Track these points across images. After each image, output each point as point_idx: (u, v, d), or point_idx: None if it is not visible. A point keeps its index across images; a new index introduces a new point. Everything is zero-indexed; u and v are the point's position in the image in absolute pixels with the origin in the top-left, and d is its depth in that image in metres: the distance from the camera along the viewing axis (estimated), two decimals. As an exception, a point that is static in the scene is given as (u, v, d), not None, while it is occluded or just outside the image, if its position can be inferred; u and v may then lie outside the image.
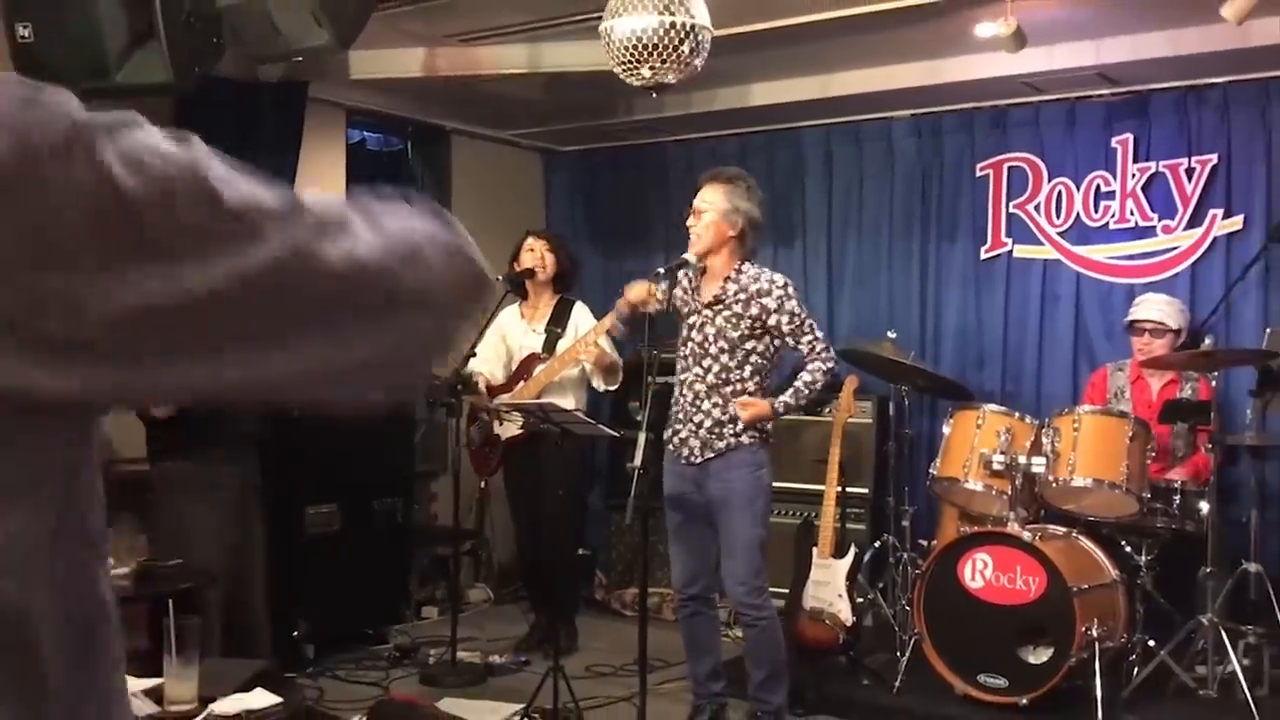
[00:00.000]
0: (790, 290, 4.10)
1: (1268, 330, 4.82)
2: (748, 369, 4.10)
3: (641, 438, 3.73)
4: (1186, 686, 4.48)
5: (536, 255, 5.32)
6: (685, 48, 3.75)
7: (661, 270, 4.07)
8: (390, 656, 5.22)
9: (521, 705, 4.11)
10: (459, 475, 5.10)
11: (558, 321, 5.33)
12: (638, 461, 3.71)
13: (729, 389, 4.10)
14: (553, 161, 7.37)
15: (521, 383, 5.23)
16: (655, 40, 3.71)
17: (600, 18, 3.86)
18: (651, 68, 3.78)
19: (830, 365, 4.14)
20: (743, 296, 4.07)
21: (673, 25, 3.71)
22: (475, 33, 5.23)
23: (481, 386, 5.25)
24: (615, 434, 4.37)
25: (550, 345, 5.27)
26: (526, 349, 5.34)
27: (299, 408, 0.90)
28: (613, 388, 5.27)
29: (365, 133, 6.69)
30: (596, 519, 6.65)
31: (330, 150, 6.11)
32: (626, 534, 6.05)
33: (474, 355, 5.11)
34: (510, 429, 5.25)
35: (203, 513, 3.90)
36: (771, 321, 4.07)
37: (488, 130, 6.90)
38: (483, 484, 5.92)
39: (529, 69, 5.48)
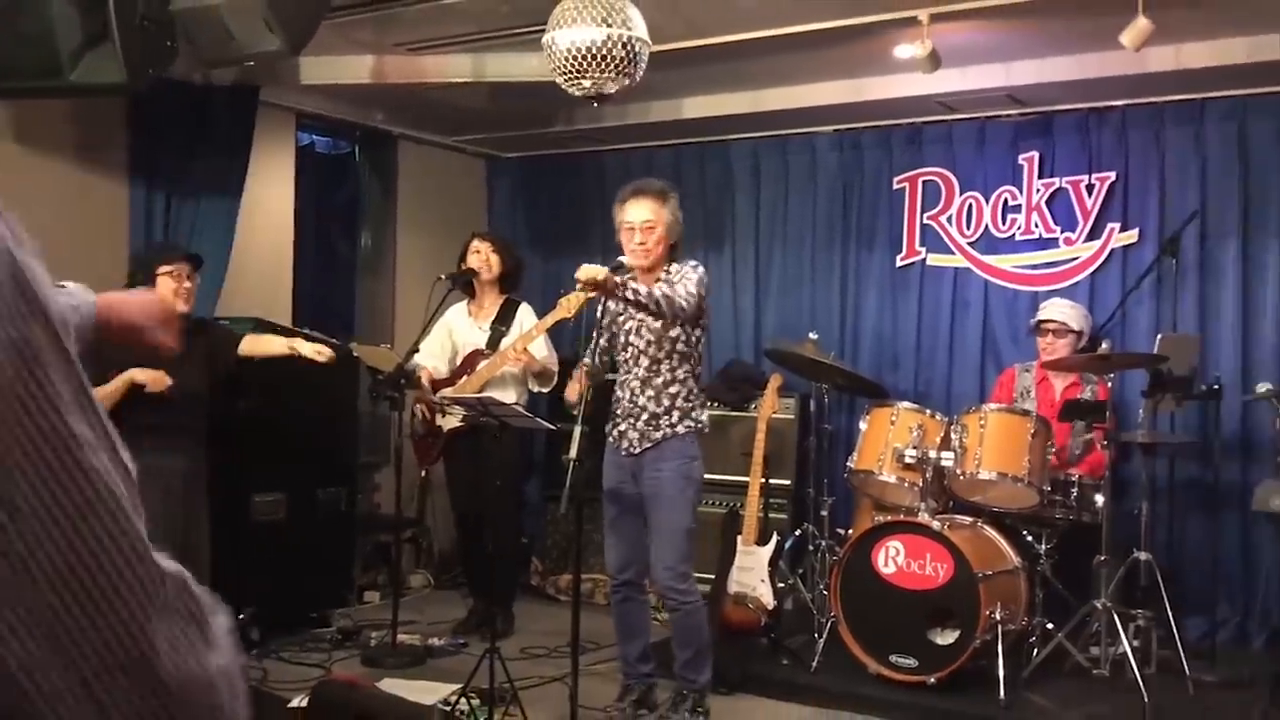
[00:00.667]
0: (698, 268, 4.08)
1: (1159, 336, 4.94)
2: (675, 358, 4.11)
3: (577, 431, 3.72)
4: (1081, 666, 4.57)
5: (482, 257, 5.30)
6: (624, 60, 3.75)
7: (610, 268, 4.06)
8: (333, 639, 5.16)
9: (459, 685, 4.07)
10: (401, 466, 5.05)
11: (503, 320, 5.32)
12: (573, 453, 3.70)
13: (659, 380, 4.11)
14: (496, 167, 7.33)
15: (464, 377, 5.20)
16: (596, 52, 3.71)
17: (543, 30, 3.85)
18: (592, 78, 3.77)
19: (680, 304, 3.90)
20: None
21: (612, 38, 3.71)
22: (422, 42, 5.19)
23: (424, 380, 5.21)
24: (552, 428, 4.35)
25: (494, 342, 5.25)
26: (471, 345, 5.31)
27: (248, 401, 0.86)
28: (546, 390, 5.26)
29: (314, 136, 6.60)
30: (533, 509, 6.64)
31: (280, 153, 6.02)
32: (561, 523, 6.04)
33: (416, 351, 5.08)
34: (452, 421, 5.22)
35: (148, 501, 3.80)
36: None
37: (434, 136, 6.85)
38: (424, 474, 5.87)
39: (474, 78, 5.45)
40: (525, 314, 5.29)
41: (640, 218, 4.07)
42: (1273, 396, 3.91)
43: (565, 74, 3.83)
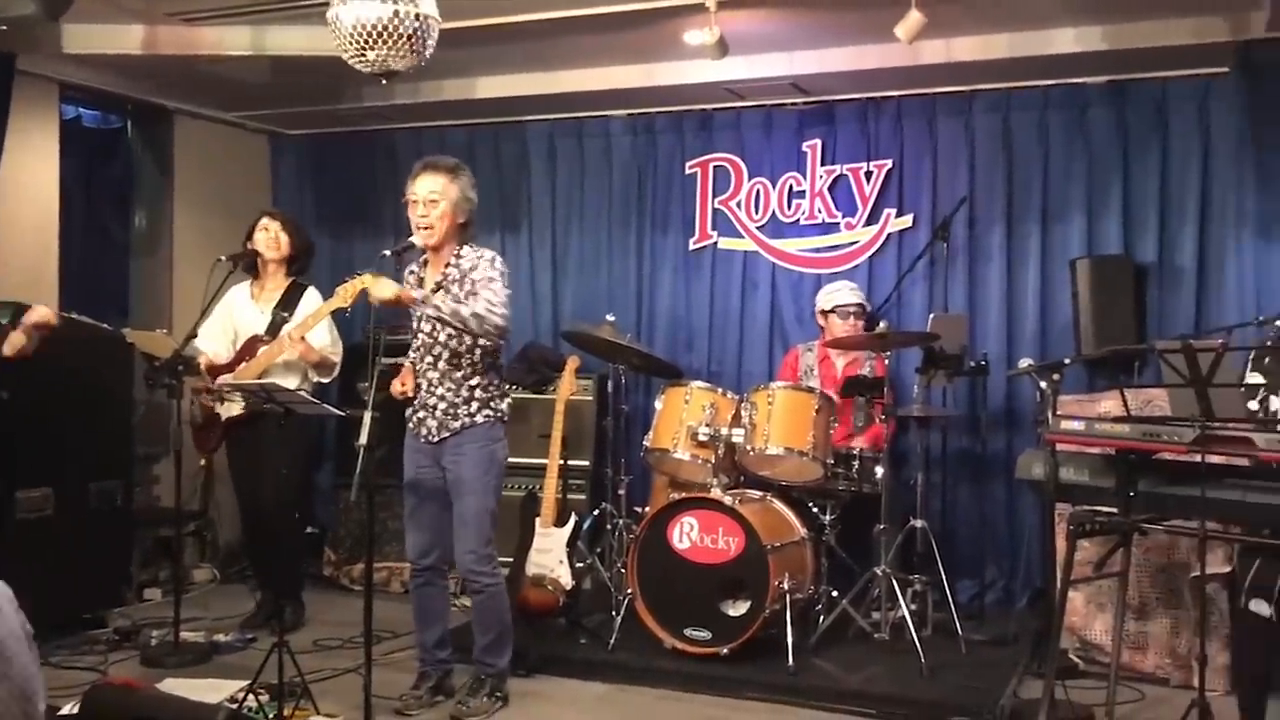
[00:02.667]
0: (497, 262, 4.04)
1: (931, 316, 5.22)
2: (476, 352, 4.06)
3: (367, 417, 3.64)
4: (864, 630, 4.81)
5: (270, 235, 5.09)
6: (412, 36, 3.67)
7: (387, 253, 3.97)
8: (110, 640, 4.91)
9: (246, 682, 3.93)
10: (181, 456, 4.82)
11: (286, 305, 5.11)
12: (363, 440, 3.62)
13: (459, 373, 4.05)
14: (280, 144, 7.06)
15: (244, 362, 4.99)
16: (382, 27, 3.62)
17: (328, 3, 3.73)
18: (379, 55, 3.68)
19: (492, 322, 3.88)
20: (458, 276, 4.03)
21: (400, 14, 3.63)
22: (198, 12, 4.95)
23: (204, 366, 4.98)
24: (341, 413, 4.24)
25: (275, 328, 5.04)
26: (251, 329, 5.10)
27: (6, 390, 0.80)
28: (326, 380, 5.11)
29: (81, 109, 6.19)
30: (325, 497, 6.47)
31: (42, 126, 5.62)
32: (354, 511, 5.91)
33: (194, 336, 4.85)
34: (233, 408, 5.00)
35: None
36: (474, 278, 4.01)
37: (212, 111, 6.54)
38: (203, 463, 5.61)
39: (253, 51, 5.23)
40: (310, 298, 5.11)
41: (425, 191, 4.00)
42: (1033, 371, 4.18)
43: (351, 50, 3.72)
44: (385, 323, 4.04)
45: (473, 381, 4.07)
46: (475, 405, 4.06)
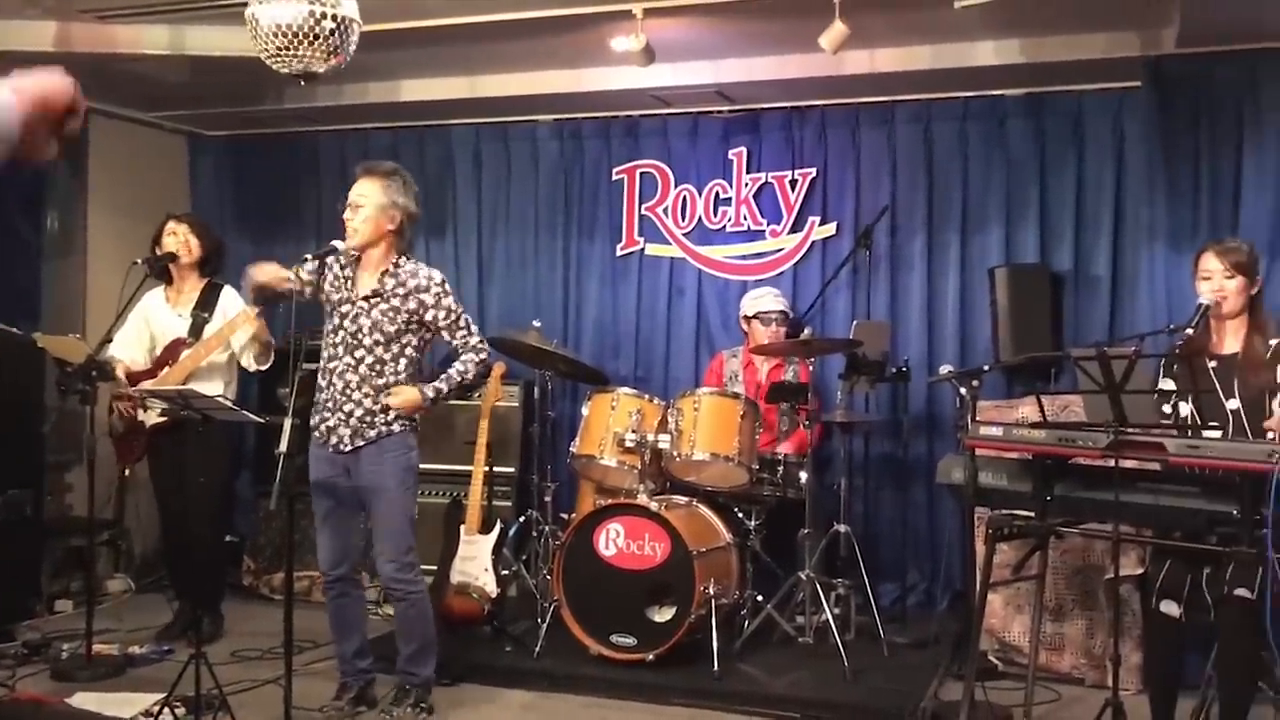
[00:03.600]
0: (446, 287, 4.03)
1: (854, 323, 5.29)
2: (402, 361, 4.01)
3: (288, 423, 3.57)
4: (788, 635, 4.84)
5: (179, 239, 4.99)
6: (333, 38, 3.62)
7: (309, 256, 3.91)
8: (18, 654, 4.74)
9: (162, 695, 3.83)
10: (94, 464, 4.69)
11: (205, 306, 5.02)
12: (283, 447, 3.55)
13: (382, 380, 3.99)
14: (199, 145, 6.92)
15: (166, 368, 4.88)
16: (301, 29, 3.56)
17: (246, 2, 3.66)
18: (298, 56, 3.62)
19: (482, 358, 4.11)
20: (401, 291, 3.97)
21: (318, 15, 3.57)
22: (114, 10, 4.83)
23: (120, 373, 4.85)
24: (260, 420, 4.15)
25: (196, 330, 4.95)
26: (172, 334, 4.99)
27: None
28: (264, 367, 5.02)
29: (-10, 107, 5.99)
30: (245, 505, 6.34)
31: (-53, 123, 5.43)
32: (274, 519, 5.81)
33: (110, 341, 4.73)
34: (154, 416, 4.89)
35: None
36: (429, 317, 4.00)
37: (129, 111, 6.38)
38: (124, 472, 5.47)
39: (171, 51, 5.12)
40: (229, 298, 5.02)
41: (354, 194, 3.97)
42: (954, 378, 4.25)
43: (270, 51, 3.66)
44: (306, 327, 3.96)
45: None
46: (392, 414, 4.00)
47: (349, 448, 3.98)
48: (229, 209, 6.80)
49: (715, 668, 4.40)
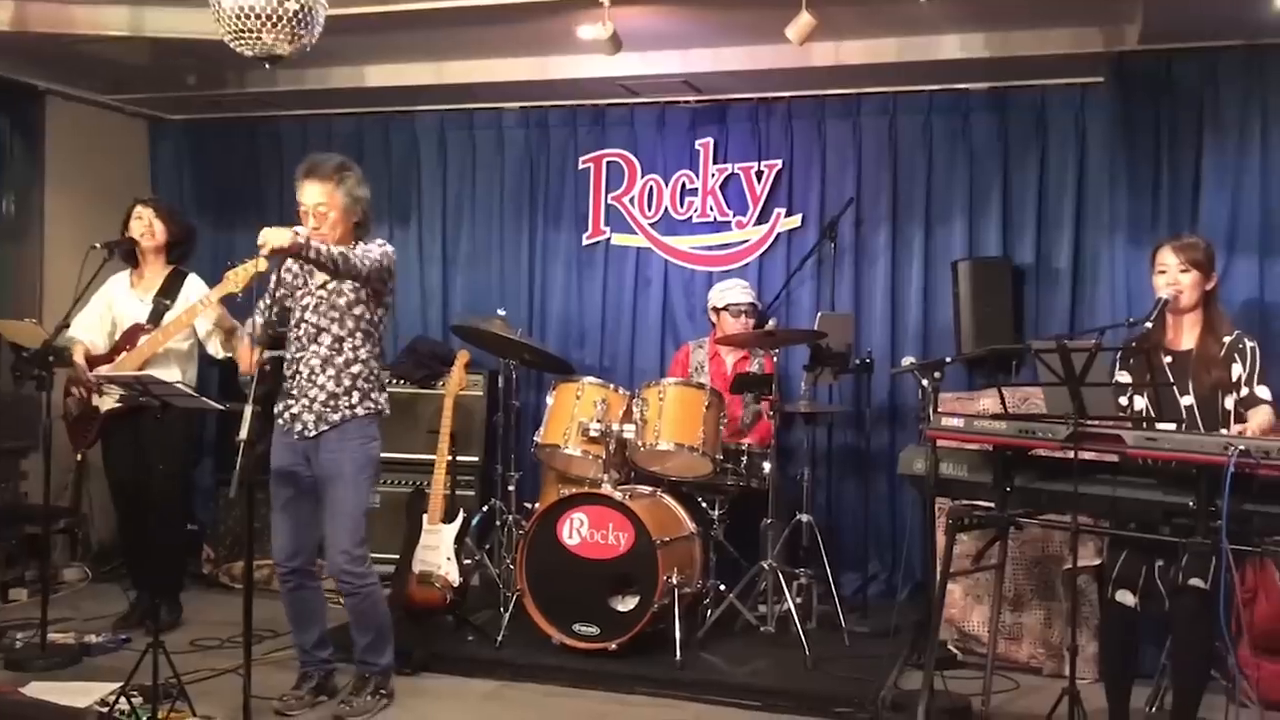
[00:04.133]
0: (386, 246, 3.97)
1: (819, 314, 5.30)
2: (359, 336, 3.98)
3: (248, 410, 3.53)
4: (750, 624, 4.86)
5: (145, 223, 4.93)
6: (297, 21, 3.59)
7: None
8: (-29, 644, 4.68)
9: (118, 684, 3.79)
10: (51, 451, 4.63)
11: (167, 293, 4.96)
12: (244, 434, 3.51)
13: (341, 359, 3.96)
14: (159, 129, 6.83)
15: (124, 353, 4.82)
16: (264, 11, 3.52)
17: (208, -16, 3.62)
18: (261, 38, 3.59)
19: (355, 265, 3.77)
20: None
21: (283, -2, 3.54)
22: (72, -11, 4.75)
23: (78, 357, 4.79)
24: (220, 407, 4.10)
25: (157, 316, 4.89)
26: (132, 319, 4.93)
27: None
28: (231, 354, 4.97)
29: (-57, 87, 5.90)
30: (205, 494, 6.28)
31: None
32: (235, 508, 5.75)
33: (67, 326, 4.66)
34: (110, 401, 4.83)
35: None
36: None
37: (88, 93, 6.29)
38: (80, 458, 5.40)
39: (130, 32, 5.04)
40: (193, 285, 4.97)
41: (311, 201, 3.92)
42: (916, 369, 4.28)
43: (233, 33, 3.62)
44: (269, 313, 3.92)
45: (354, 369, 3.98)
46: (356, 396, 3.97)
47: (313, 433, 3.96)
48: (189, 193, 6.72)
49: (678, 657, 4.41)
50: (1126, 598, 3.59)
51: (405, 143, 6.47)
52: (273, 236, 3.59)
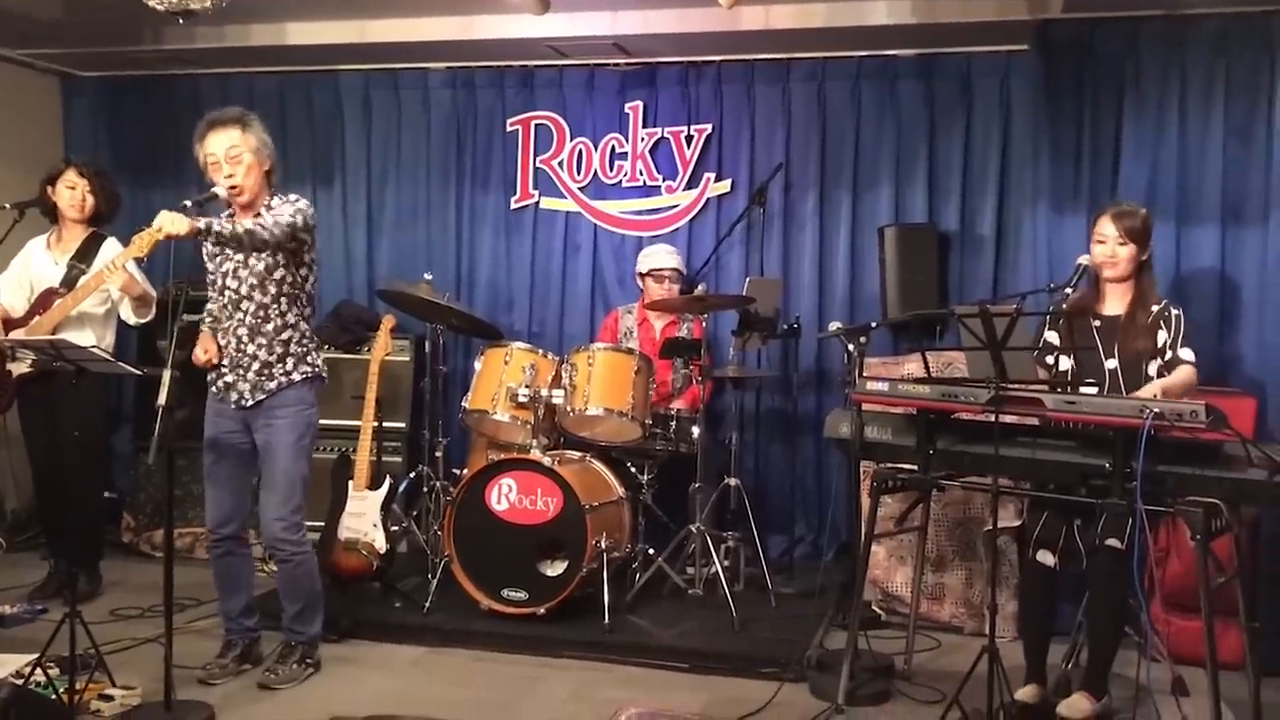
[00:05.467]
0: (300, 203, 3.86)
1: (748, 279, 5.31)
2: (284, 301, 3.90)
3: (167, 375, 3.44)
4: (679, 587, 4.89)
5: (77, 196, 4.82)
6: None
7: (189, 203, 3.73)
8: (-121, 617, 4.54)
9: (34, 655, 3.70)
10: (-39, 418, 4.49)
11: (83, 256, 4.82)
12: (162, 399, 3.43)
13: (270, 326, 3.88)
14: (73, 86, 6.60)
15: (37, 316, 4.67)
16: (179, -36, 3.41)
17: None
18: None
19: (262, 237, 3.65)
20: None
21: (198, -50, 3.42)
22: (-25, -63, 4.55)
23: (-2, 320, 4.65)
24: (137, 372, 3.99)
25: (70, 281, 4.75)
26: (46, 282, 4.79)
27: None
28: (145, 320, 4.86)
29: None
30: (124, 461, 6.14)
31: None
32: (155, 475, 5.63)
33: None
34: (23, 366, 4.69)
35: None
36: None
37: (-3, 48, 6.06)
38: (-6, 425, 5.25)
39: (40, -17, 4.86)
40: (110, 249, 4.83)
41: (223, 148, 3.81)
42: (842, 334, 4.31)
43: (146, -15, 3.49)
44: (186, 277, 3.82)
45: (284, 336, 3.91)
46: (291, 361, 3.91)
47: (250, 402, 3.89)
48: (104, 153, 6.49)
49: (606, 620, 4.42)
50: (1046, 558, 3.67)
51: (329, 103, 6.32)
52: (168, 223, 3.48)
